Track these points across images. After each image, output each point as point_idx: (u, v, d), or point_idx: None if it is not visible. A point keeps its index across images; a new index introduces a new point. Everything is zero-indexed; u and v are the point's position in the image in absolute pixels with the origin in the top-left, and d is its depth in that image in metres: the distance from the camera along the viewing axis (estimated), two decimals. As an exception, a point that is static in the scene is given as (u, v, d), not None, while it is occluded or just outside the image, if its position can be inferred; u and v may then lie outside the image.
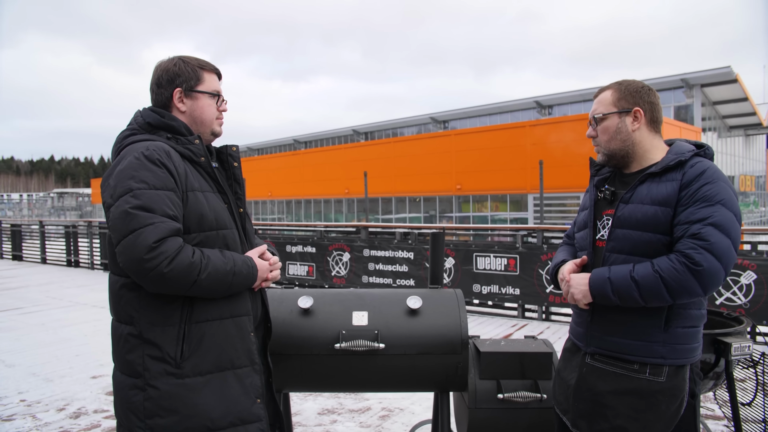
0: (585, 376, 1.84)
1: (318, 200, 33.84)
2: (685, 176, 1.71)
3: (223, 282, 1.66)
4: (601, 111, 1.86)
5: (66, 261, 13.64)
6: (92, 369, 4.95)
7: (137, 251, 1.52)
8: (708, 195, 1.66)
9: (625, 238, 1.76)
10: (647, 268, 1.66)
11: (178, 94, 1.79)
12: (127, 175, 1.59)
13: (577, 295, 1.80)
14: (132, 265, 1.54)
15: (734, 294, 5.65)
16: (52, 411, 3.98)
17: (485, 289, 7.22)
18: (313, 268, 8.77)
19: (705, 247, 1.61)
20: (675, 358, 1.74)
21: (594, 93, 1.95)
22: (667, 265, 1.64)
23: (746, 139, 35.31)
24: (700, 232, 1.62)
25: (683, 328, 1.75)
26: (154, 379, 1.62)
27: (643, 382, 1.74)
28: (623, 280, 1.68)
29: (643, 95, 1.84)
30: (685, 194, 1.69)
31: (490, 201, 25.96)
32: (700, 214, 1.64)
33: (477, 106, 34.23)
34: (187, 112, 1.80)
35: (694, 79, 26.64)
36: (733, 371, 2.55)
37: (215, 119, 1.86)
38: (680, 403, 1.76)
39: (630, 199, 1.78)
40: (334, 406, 4.02)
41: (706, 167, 1.71)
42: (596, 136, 1.88)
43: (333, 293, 2.45)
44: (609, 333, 1.79)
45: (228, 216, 1.78)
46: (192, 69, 1.80)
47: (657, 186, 1.74)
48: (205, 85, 1.82)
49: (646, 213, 1.73)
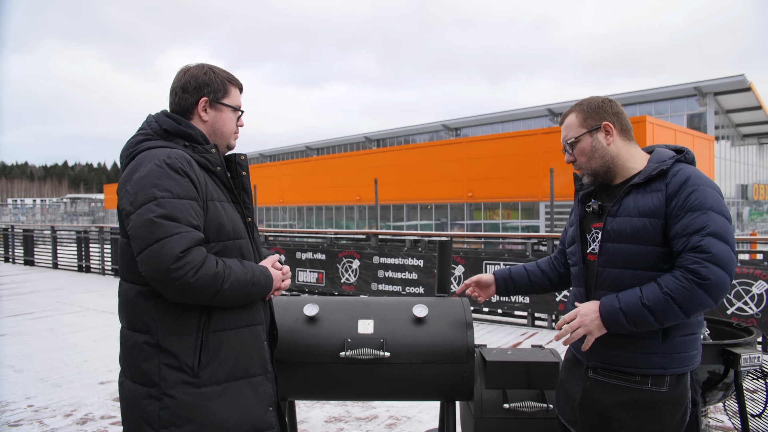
0: (589, 390, 1.83)
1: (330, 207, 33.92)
2: (670, 186, 1.70)
3: (243, 292, 1.67)
4: (572, 135, 1.87)
5: (77, 266, 13.75)
6: (100, 375, 4.97)
7: (164, 261, 1.51)
8: (697, 203, 1.65)
9: (617, 252, 1.75)
10: (656, 291, 1.64)
11: (204, 103, 1.78)
12: (149, 183, 1.58)
13: (595, 332, 1.73)
14: (157, 275, 1.53)
15: (746, 304, 5.57)
16: (60, 417, 4.00)
17: (495, 298, 7.19)
18: (323, 275, 8.78)
19: (708, 259, 1.60)
20: (675, 367, 1.73)
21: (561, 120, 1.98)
22: (675, 284, 1.62)
23: (760, 147, 34.97)
24: (701, 245, 1.61)
25: (681, 336, 1.74)
26: (170, 389, 1.61)
27: (646, 393, 1.74)
28: (635, 308, 1.66)
29: (606, 109, 1.84)
30: (674, 204, 1.68)
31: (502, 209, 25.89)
32: (696, 225, 1.63)
33: (489, 114, 34.24)
34: (209, 122, 1.80)
35: (707, 88, 26.49)
36: (743, 382, 2.51)
37: (233, 134, 1.87)
38: (684, 410, 1.76)
39: (617, 212, 1.77)
40: (341, 414, 4.01)
41: (689, 174, 1.70)
42: (575, 160, 1.89)
43: (339, 301, 2.45)
44: (609, 347, 1.77)
45: (242, 226, 1.79)
46: (221, 81, 1.81)
47: (643, 197, 1.74)
48: (230, 99, 1.83)
49: (635, 226, 1.72)
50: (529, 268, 2.25)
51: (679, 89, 26.83)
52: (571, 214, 2.07)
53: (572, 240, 1.95)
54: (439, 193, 27.20)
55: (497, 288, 2.27)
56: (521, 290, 2.28)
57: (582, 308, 1.76)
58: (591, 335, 1.74)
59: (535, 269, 2.24)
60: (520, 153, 23.84)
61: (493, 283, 2.27)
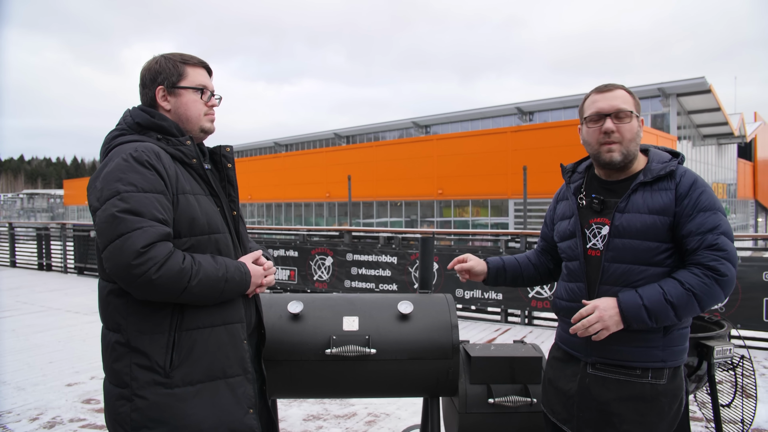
0: (588, 386, 1.84)
1: (299, 204, 33.67)
2: (680, 186, 1.76)
3: (215, 288, 1.61)
4: (629, 108, 1.81)
5: (37, 264, 13.33)
6: (67, 376, 4.81)
7: (124, 256, 1.46)
8: (708, 204, 1.74)
9: (626, 247, 1.77)
10: (678, 287, 1.69)
11: (161, 92, 1.73)
12: (114, 177, 1.53)
13: (613, 327, 1.73)
14: (119, 271, 1.48)
15: (712, 299, 5.77)
16: (25, 421, 3.85)
17: (468, 294, 7.24)
18: (295, 272, 8.70)
19: (725, 257, 1.69)
20: (673, 359, 1.78)
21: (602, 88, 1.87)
22: (696, 281, 1.69)
23: (718, 147, 36.16)
24: (717, 242, 1.69)
25: (679, 330, 1.79)
26: (141, 389, 1.56)
27: (646, 386, 1.76)
28: (659, 304, 1.69)
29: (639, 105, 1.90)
30: (686, 204, 1.74)
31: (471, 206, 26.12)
32: (710, 224, 1.71)
33: (459, 111, 34.48)
34: (172, 110, 1.74)
35: (670, 89, 27.23)
36: (715, 374, 2.59)
37: (203, 115, 1.78)
38: (680, 402, 1.81)
39: (626, 208, 1.79)
40: (319, 412, 3.97)
41: (695, 176, 1.79)
42: (615, 131, 1.80)
43: (323, 298, 2.42)
44: (610, 341, 1.78)
45: (221, 220, 1.73)
46: (173, 65, 1.74)
47: (651, 195, 1.78)
48: (189, 80, 1.76)
49: (645, 222, 1.76)
50: (521, 263, 2.24)
51: (643, 89, 27.49)
52: (554, 209, 2.06)
53: (570, 234, 1.93)
54: (409, 191, 27.29)
55: (487, 278, 2.23)
56: (509, 282, 2.26)
57: (600, 303, 1.75)
58: (607, 330, 1.74)
59: (527, 264, 2.24)
60: (490, 151, 24.10)
61: (484, 274, 2.22)
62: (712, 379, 2.62)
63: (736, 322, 5.60)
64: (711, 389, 2.67)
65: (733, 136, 34.92)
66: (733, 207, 38.58)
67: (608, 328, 1.73)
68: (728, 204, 37.68)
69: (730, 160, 38.25)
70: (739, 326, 5.62)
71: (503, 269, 2.23)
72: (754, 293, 5.56)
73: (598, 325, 1.73)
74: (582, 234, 1.89)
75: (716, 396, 2.67)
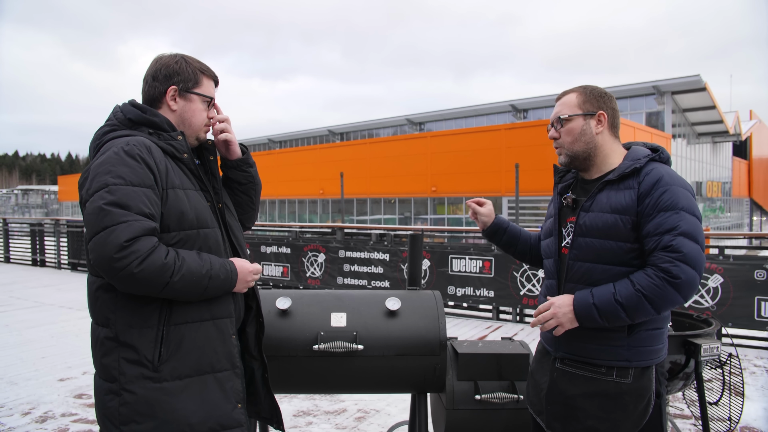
0: (556, 380, 1.88)
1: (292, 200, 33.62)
2: (642, 184, 1.73)
3: (198, 285, 1.61)
4: (566, 113, 1.87)
5: (31, 260, 13.29)
6: (59, 371, 4.81)
7: (108, 249, 1.47)
8: (670, 203, 1.69)
9: (588, 246, 1.79)
10: (628, 287, 1.69)
11: (173, 92, 1.75)
12: (104, 170, 1.55)
13: (566, 324, 1.78)
14: (102, 263, 1.49)
15: (702, 297, 5.79)
16: (17, 415, 3.85)
17: (460, 291, 7.26)
18: (288, 268, 8.70)
19: (680, 258, 1.64)
20: (640, 360, 1.78)
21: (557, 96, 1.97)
22: (647, 282, 1.66)
23: (713, 146, 36.26)
24: (673, 244, 1.65)
25: (647, 330, 1.79)
26: (130, 384, 1.57)
27: (610, 384, 1.78)
28: (608, 304, 1.70)
29: (606, 100, 1.88)
30: (647, 203, 1.71)
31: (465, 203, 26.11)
32: (668, 224, 1.67)
33: (453, 109, 34.46)
34: (177, 111, 1.77)
35: (665, 87, 27.26)
36: (702, 371, 2.61)
37: (203, 125, 1.83)
38: (647, 402, 1.81)
39: (590, 207, 1.81)
40: (309, 408, 3.99)
41: (661, 174, 1.74)
42: (559, 137, 1.89)
43: (311, 294, 2.43)
44: (576, 338, 1.82)
45: (210, 215, 1.74)
46: (193, 70, 1.78)
47: (615, 194, 1.77)
48: (201, 89, 1.80)
49: (606, 221, 1.76)
50: (522, 234, 2.25)
51: (638, 87, 27.52)
52: (549, 207, 2.10)
53: (549, 233, 1.98)
54: (403, 188, 27.27)
55: (487, 229, 2.25)
56: (502, 244, 2.26)
57: (557, 300, 1.80)
58: (562, 327, 1.79)
59: (525, 239, 2.24)
60: (484, 148, 24.10)
61: (489, 222, 2.24)
62: (699, 377, 2.64)
63: (728, 320, 5.64)
64: (698, 387, 2.69)
65: (729, 135, 35.01)
66: (728, 205, 38.75)
67: (563, 324, 1.78)
68: (723, 202, 37.84)
69: (725, 158, 38.37)
70: (731, 324, 5.66)
71: (504, 229, 2.24)
72: (745, 292, 5.60)
73: (552, 321, 1.78)
74: (558, 232, 1.93)
75: (703, 394, 2.68)
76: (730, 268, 5.69)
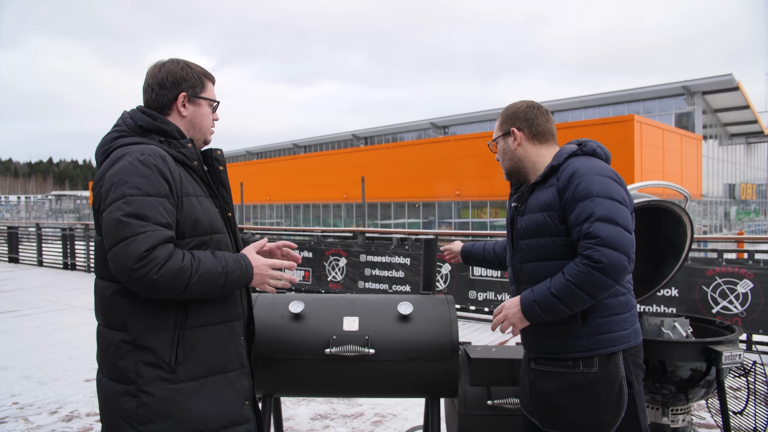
0: (534, 380, 1.96)
1: (317, 205, 33.84)
2: (560, 180, 1.84)
3: (216, 283, 1.65)
4: (494, 136, 2.09)
5: (62, 264, 13.62)
6: (86, 372, 4.93)
7: (128, 260, 1.51)
8: (584, 192, 1.77)
9: (529, 247, 1.91)
10: (560, 279, 1.76)
11: (183, 98, 1.78)
12: (120, 181, 1.58)
13: (518, 324, 1.88)
14: (123, 273, 1.53)
15: (731, 303, 5.64)
16: (45, 414, 3.97)
17: (481, 296, 7.21)
18: (310, 273, 8.76)
19: (598, 243, 1.70)
20: (602, 347, 1.84)
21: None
22: (575, 270, 1.73)
23: (747, 147, 35.35)
24: (590, 231, 1.72)
25: (602, 317, 1.84)
26: (147, 385, 1.61)
27: (579, 375, 1.85)
28: (545, 298, 1.79)
29: (519, 115, 1.99)
30: (567, 196, 1.80)
31: (489, 207, 25.97)
32: (585, 213, 1.75)
33: (477, 112, 34.30)
34: (188, 117, 1.80)
35: (695, 87, 26.71)
36: (724, 379, 2.54)
37: (210, 128, 1.88)
38: (619, 390, 1.84)
39: (524, 211, 1.94)
40: (327, 412, 4.01)
41: (577, 166, 1.82)
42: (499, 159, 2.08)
43: (324, 298, 2.45)
44: (540, 337, 1.92)
45: (220, 220, 1.79)
46: (197, 75, 1.81)
47: (541, 193, 1.89)
48: (207, 93, 1.84)
49: (537, 221, 1.87)
50: (486, 250, 2.46)
51: (667, 88, 27.03)
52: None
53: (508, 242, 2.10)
54: (427, 192, 27.23)
55: (462, 258, 2.53)
56: (477, 264, 2.52)
57: (507, 303, 1.91)
58: (515, 327, 1.90)
59: (490, 252, 2.45)
60: (509, 151, 23.89)
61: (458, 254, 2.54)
62: (720, 385, 2.57)
63: (758, 327, 5.48)
64: (720, 395, 2.62)
65: (764, 135, 34.08)
66: (762, 208, 37.69)
67: (515, 324, 1.89)
68: (758, 205, 36.82)
69: (761, 159, 37.33)
70: (761, 331, 5.50)
71: (468, 252, 2.51)
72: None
73: (505, 323, 1.89)
74: (512, 240, 2.05)
75: (725, 402, 2.62)
76: (762, 273, 5.53)
